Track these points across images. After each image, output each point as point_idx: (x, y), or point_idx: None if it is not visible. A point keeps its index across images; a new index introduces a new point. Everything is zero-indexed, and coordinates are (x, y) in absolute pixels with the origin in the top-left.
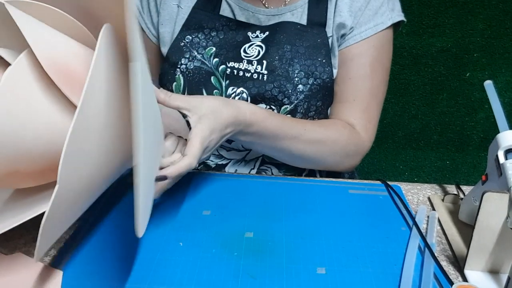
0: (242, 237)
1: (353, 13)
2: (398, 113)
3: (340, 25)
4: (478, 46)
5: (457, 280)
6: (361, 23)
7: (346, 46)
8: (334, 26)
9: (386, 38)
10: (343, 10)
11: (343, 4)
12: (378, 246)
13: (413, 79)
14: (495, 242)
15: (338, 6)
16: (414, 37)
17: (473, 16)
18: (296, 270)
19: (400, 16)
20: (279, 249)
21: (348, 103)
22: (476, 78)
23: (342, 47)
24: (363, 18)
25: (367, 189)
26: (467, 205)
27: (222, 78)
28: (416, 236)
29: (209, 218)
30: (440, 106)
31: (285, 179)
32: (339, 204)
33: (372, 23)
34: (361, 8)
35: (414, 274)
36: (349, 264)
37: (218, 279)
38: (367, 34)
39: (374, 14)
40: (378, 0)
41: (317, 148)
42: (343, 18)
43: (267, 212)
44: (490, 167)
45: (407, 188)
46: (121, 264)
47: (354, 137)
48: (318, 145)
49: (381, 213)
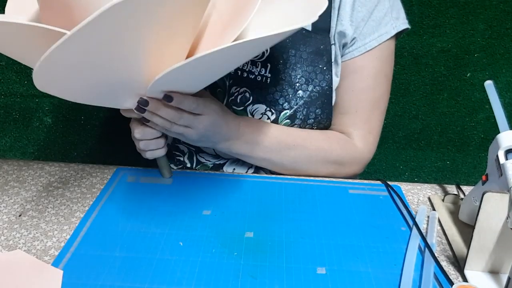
0: (242, 237)
1: (354, 23)
2: (398, 113)
3: (341, 34)
4: (478, 47)
5: (457, 280)
6: (364, 34)
7: (350, 58)
8: (336, 34)
9: (389, 48)
10: (344, 18)
11: (344, 13)
12: (378, 246)
13: (414, 79)
14: (495, 242)
15: (340, 14)
16: (414, 37)
17: (474, 16)
18: (296, 270)
19: (405, 24)
20: (279, 249)
21: (350, 115)
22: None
23: (346, 59)
24: (367, 29)
25: (368, 189)
26: (467, 205)
27: (226, 77)
28: (416, 236)
29: (209, 218)
30: (440, 106)
31: (285, 179)
32: (339, 204)
33: (376, 34)
34: (364, 18)
35: (414, 274)
36: (349, 264)
37: (218, 279)
38: (371, 46)
39: (378, 25)
40: (381, 11)
41: (309, 159)
42: (344, 27)
43: (267, 212)
44: (490, 167)
45: (407, 188)
46: (121, 264)
47: (348, 147)
48: (311, 155)
49: (381, 213)
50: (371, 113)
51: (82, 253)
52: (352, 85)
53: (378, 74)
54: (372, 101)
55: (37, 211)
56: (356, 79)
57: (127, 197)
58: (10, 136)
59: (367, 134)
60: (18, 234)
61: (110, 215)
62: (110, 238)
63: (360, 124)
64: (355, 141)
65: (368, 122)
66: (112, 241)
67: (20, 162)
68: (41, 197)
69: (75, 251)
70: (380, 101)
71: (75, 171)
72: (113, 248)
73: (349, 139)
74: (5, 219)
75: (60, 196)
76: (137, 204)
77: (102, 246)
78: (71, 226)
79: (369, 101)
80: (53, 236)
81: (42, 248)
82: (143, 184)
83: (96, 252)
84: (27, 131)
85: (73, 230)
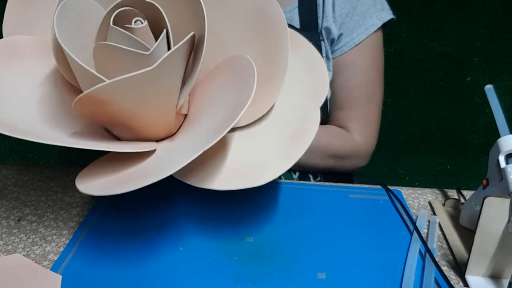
0: (242, 242)
1: (338, 19)
2: (398, 117)
3: (327, 30)
4: (478, 51)
5: (458, 285)
6: (351, 29)
7: (340, 54)
8: (323, 30)
9: (378, 41)
10: (328, 15)
11: (328, 10)
12: (378, 250)
13: (414, 84)
14: (496, 247)
15: (325, 11)
16: (414, 42)
17: (473, 20)
18: (296, 274)
19: (390, 15)
20: (279, 254)
21: (346, 110)
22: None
23: (336, 55)
24: (353, 24)
25: (368, 193)
26: (468, 209)
27: None
28: (417, 241)
29: (209, 222)
30: (440, 110)
31: (285, 183)
32: (340, 209)
33: (362, 27)
34: (348, 14)
35: (415, 279)
36: (350, 269)
37: (218, 284)
38: (359, 39)
39: (363, 19)
40: (365, 4)
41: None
42: (328, 23)
43: (267, 216)
44: (491, 171)
45: (407, 193)
46: (120, 269)
47: (346, 141)
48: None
49: (381, 218)
50: (366, 107)
51: (81, 258)
52: (345, 81)
53: (369, 69)
54: (366, 96)
55: (36, 215)
56: (348, 76)
57: (127, 202)
58: (9, 140)
59: (364, 127)
60: (17, 239)
61: (109, 219)
62: (110, 243)
63: (357, 118)
64: (353, 135)
65: (364, 116)
66: (112, 246)
67: (19, 166)
68: (40, 202)
69: (74, 256)
70: (375, 94)
71: (75, 176)
72: (112, 253)
73: (348, 133)
74: (4, 223)
75: (60, 200)
76: (137, 209)
77: (101, 251)
78: (70, 231)
79: (363, 96)
80: (52, 240)
81: (41, 253)
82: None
83: (95, 257)
84: None
85: (72, 235)
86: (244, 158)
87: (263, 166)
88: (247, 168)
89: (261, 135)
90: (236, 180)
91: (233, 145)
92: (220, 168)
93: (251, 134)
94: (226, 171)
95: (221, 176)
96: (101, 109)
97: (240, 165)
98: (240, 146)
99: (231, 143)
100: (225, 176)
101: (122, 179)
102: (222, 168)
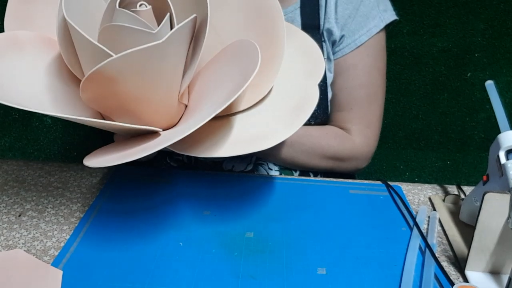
0: (242, 237)
1: (340, 21)
2: (399, 113)
3: (329, 31)
4: (479, 46)
5: (458, 280)
6: (353, 31)
7: (342, 55)
8: (324, 31)
9: (380, 42)
10: (330, 16)
11: (330, 11)
12: (378, 246)
13: (414, 79)
14: (496, 242)
15: (327, 12)
16: (415, 37)
17: (474, 16)
18: (296, 270)
19: (393, 16)
20: (279, 249)
21: (347, 111)
22: (477, 78)
23: (337, 56)
24: (355, 25)
25: (368, 189)
26: (468, 205)
27: None
28: (417, 237)
29: (209, 218)
30: (441, 106)
31: (285, 179)
32: (340, 204)
33: (365, 29)
34: (351, 15)
35: (415, 274)
36: (350, 265)
37: (218, 279)
38: (361, 41)
39: (365, 20)
40: (367, 5)
41: (308, 154)
42: (330, 24)
43: (267, 212)
44: (491, 167)
45: (407, 188)
46: (121, 264)
47: (346, 143)
48: (308, 151)
49: (381, 214)
50: (367, 109)
51: (82, 253)
52: (346, 83)
53: (370, 70)
54: (367, 97)
55: (36, 211)
56: (349, 77)
57: (127, 197)
58: (9, 136)
59: (365, 129)
60: (17, 234)
61: (109, 215)
62: (110, 238)
63: (357, 119)
64: (353, 136)
65: (365, 117)
66: (112, 241)
67: (19, 162)
68: (41, 197)
69: (74, 251)
70: (376, 96)
71: (75, 171)
72: (113, 248)
73: (348, 134)
74: (5, 219)
75: (60, 196)
76: (137, 204)
77: (102, 246)
78: (71, 226)
79: (364, 98)
80: (53, 236)
81: (42, 248)
82: (143, 184)
83: (95, 252)
84: (27, 131)
85: (73, 230)
86: (248, 129)
87: (266, 134)
88: (251, 137)
89: (263, 112)
90: (241, 146)
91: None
92: (225, 139)
93: (253, 112)
94: (230, 142)
95: (226, 145)
96: (108, 91)
97: (245, 135)
98: (244, 123)
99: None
100: (230, 145)
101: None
102: (226, 139)
